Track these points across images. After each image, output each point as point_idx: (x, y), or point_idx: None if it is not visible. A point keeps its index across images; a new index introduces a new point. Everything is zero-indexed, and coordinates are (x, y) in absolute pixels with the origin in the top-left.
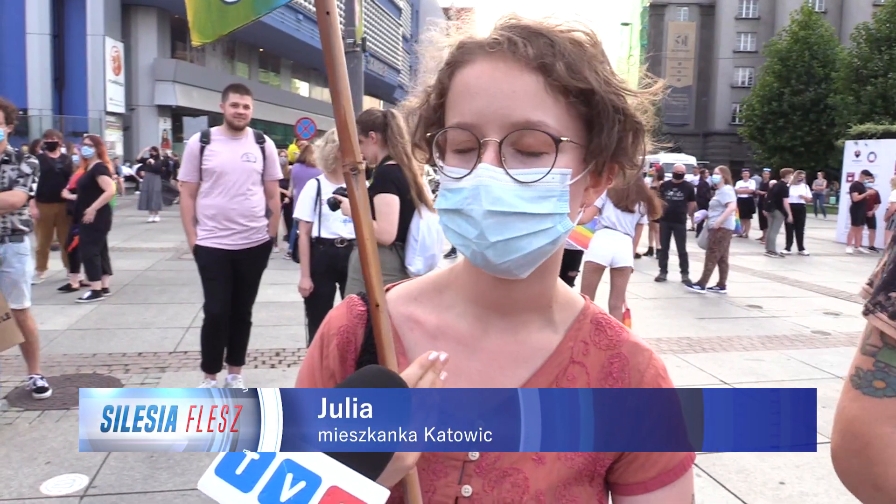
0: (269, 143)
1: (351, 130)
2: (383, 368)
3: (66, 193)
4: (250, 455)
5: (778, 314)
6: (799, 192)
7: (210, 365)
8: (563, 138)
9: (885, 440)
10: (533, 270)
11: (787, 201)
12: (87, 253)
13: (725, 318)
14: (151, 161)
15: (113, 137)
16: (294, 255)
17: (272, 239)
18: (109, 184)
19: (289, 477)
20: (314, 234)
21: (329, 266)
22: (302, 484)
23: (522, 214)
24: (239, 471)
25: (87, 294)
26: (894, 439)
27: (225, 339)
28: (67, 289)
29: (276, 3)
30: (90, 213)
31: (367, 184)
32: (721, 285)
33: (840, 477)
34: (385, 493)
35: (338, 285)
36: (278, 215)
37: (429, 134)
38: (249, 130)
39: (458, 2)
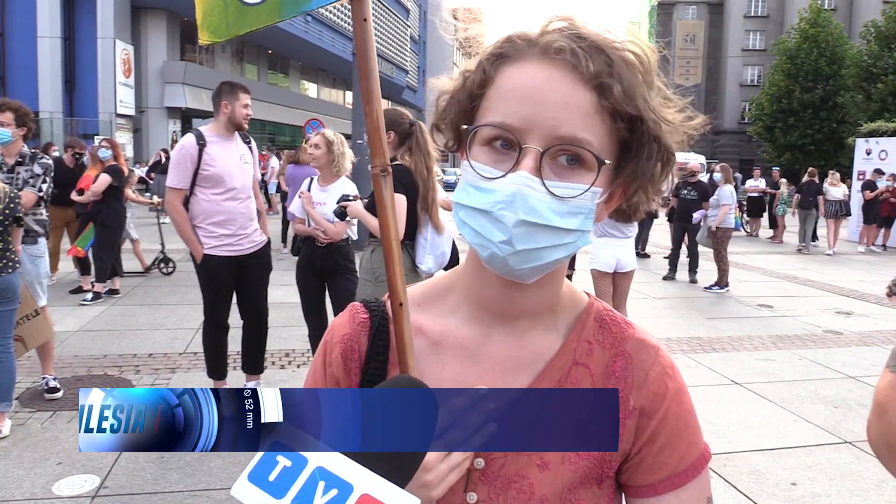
0: (253, 143)
1: (381, 132)
2: (413, 378)
3: (74, 195)
4: (283, 461)
5: (789, 313)
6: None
7: (221, 371)
8: (606, 161)
9: None
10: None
11: (822, 199)
12: (103, 260)
13: (736, 318)
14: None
15: (123, 139)
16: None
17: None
18: (102, 182)
19: (321, 484)
20: None
21: (308, 262)
22: (334, 491)
23: (552, 228)
24: (272, 477)
25: (90, 296)
26: None
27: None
28: (79, 290)
29: (304, 8)
30: (86, 197)
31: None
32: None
33: (870, 443)
34: (416, 502)
35: (326, 284)
36: (266, 215)
37: (464, 126)
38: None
39: (466, 3)
